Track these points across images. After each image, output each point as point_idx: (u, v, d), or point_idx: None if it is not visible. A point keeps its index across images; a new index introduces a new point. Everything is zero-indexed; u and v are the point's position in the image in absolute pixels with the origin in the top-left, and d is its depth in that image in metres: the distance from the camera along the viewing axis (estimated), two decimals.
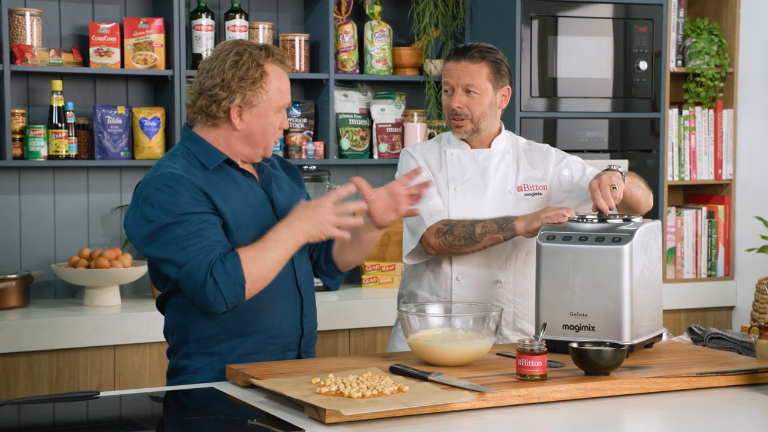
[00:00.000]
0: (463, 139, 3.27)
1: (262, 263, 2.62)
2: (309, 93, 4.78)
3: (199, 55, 4.40)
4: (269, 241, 2.64)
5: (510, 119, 4.60)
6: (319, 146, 4.64)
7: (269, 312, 2.78)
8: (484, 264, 3.22)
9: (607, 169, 3.04)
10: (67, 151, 4.25)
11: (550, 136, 4.67)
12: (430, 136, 4.76)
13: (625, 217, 2.89)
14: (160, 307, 2.87)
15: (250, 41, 2.80)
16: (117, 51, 4.34)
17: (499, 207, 3.21)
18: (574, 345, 2.57)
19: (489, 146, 3.28)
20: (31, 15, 4.24)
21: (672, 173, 5.02)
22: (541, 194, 3.27)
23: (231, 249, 2.66)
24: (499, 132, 3.30)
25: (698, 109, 5.08)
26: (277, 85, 2.75)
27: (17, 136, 4.22)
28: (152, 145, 4.36)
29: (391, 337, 3.40)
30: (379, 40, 4.75)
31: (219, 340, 2.75)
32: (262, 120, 2.75)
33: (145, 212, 2.66)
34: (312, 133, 4.70)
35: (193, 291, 2.63)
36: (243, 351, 2.77)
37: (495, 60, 3.20)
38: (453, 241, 3.12)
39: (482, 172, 3.25)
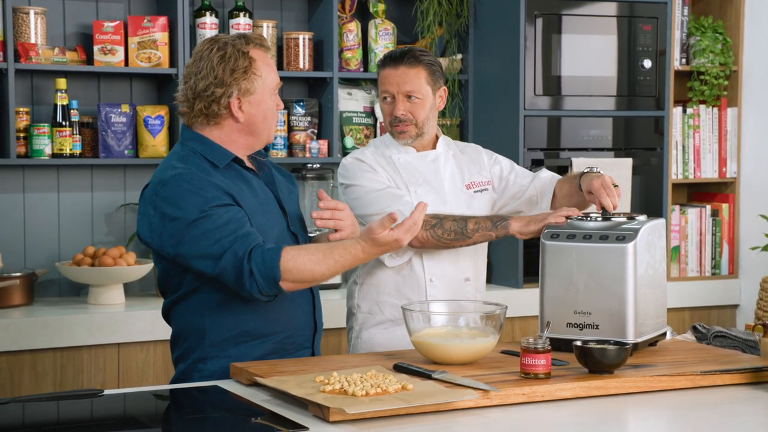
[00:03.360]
0: (407, 144, 3.25)
1: (307, 268, 2.61)
2: (313, 91, 4.78)
3: None
4: (329, 260, 2.63)
5: (514, 117, 4.60)
6: (323, 144, 4.64)
7: (286, 312, 2.78)
8: (454, 263, 3.22)
9: (588, 171, 3.05)
10: (71, 150, 4.25)
11: (554, 134, 4.67)
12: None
13: (629, 215, 2.89)
14: (167, 313, 2.84)
15: (224, 34, 2.80)
16: (121, 49, 4.34)
17: (458, 205, 3.21)
18: (578, 343, 2.57)
19: (433, 147, 3.28)
20: (35, 13, 4.24)
21: (676, 171, 5.02)
22: (487, 189, 3.29)
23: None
24: (438, 134, 3.29)
25: (702, 107, 5.08)
26: (266, 69, 2.77)
27: (21, 135, 4.23)
28: (156, 144, 4.36)
29: (354, 343, 3.30)
30: (383, 39, 4.75)
31: (237, 343, 2.75)
32: (261, 106, 2.76)
33: (167, 212, 2.63)
34: (316, 131, 4.70)
35: (232, 281, 2.61)
36: (261, 352, 2.76)
37: (430, 62, 3.19)
38: (442, 234, 3.09)
39: (434, 174, 3.24)
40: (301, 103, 4.66)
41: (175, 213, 2.63)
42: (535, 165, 4.55)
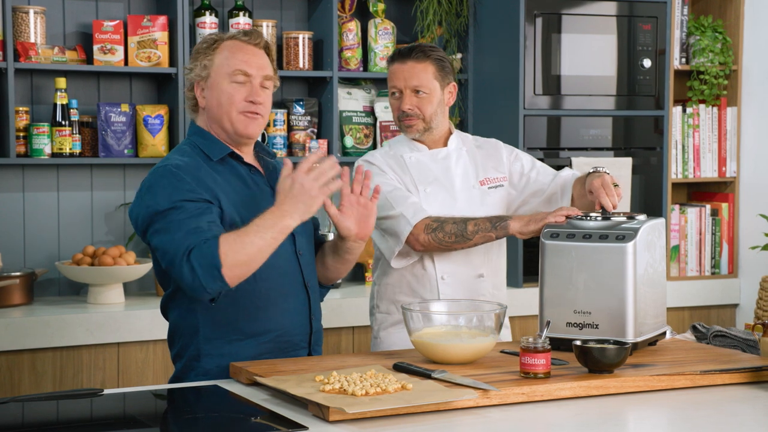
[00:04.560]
0: (419, 140, 3.25)
1: (240, 247, 2.52)
2: (313, 91, 4.78)
3: None
4: (251, 226, 2.54)
5: (514, 117, 4.60)
6: (323, 144, 4.64)
7: (278, 311, 2.77)
8: (465, 261, 3.22)
9: (593, 171, 3.04)
10: (70, 149, 4.25)
11: (553, 134, 4.67)
12: None
13: (629, 215, 2.89)
14: (165, 310, 2.84)
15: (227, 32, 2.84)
16: (121, 49, 4.34)
17: (469, 203, 3.22)
18: (578, 343, 2.57)
19: (445, 145, 3.28)
20: (35, 12, 4.24)
21: (676, 171, 5.02)
22: (503, 186, 3.29)
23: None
24: (451, 131, 3.30)
25: (702, 106, 5.08)
26: (227, 54, 2.75)
27: (21, 134, 4.23)
28: (156, 143, 4.36)
29: (373, 343, 3.32)
30: (383, 38, 4.75)
31: (230, 341, 2.74)
32: (214, 91, 2.75)
33: (146, 200, 2.66)
34: (315, 130, 4.70)
35: (178, 279, 2.57)
36: (256, 351, 2.75)
37: (439, 58, 3.20)
38: (443, 237, 3.10)
39: (445, 171, 3.24)
40: (301, 103, 4.66)
41: (150, 201, 2.65)
42: None
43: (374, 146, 4.79)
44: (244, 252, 2.52)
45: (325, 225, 4.53)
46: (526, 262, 4.61)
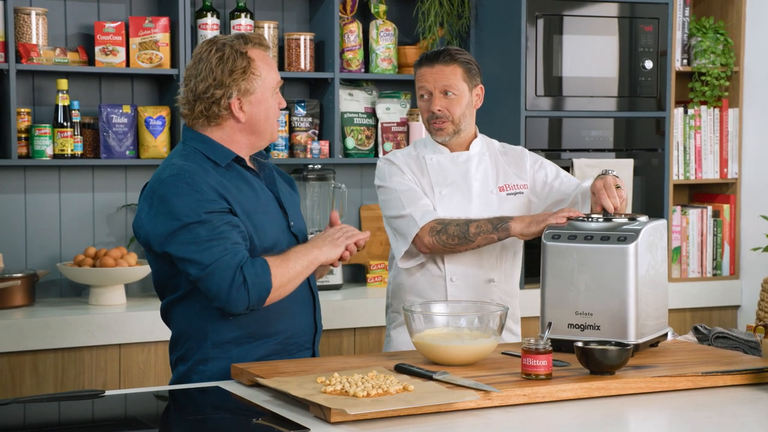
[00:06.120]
0: (442, 143, 3.27)
1: (285, 271, 2.67)
2: (314, 92, 4.78)
3: None
4: (292, 253, 2.71)
5: (515, 118, 4.60)
6: (324, 145, 4.64)
7: (288, 313, 2.79)
8: (476, 264, 3.23)
9: (602, 174, 3.05)
10: (72, 150, 4.25)
11: (555, 135, 4.67)
12: None
13: (631, 216, 2.89)
14: (165, 314, 2.83)
15: (223, 35, 2.81)
16: (122, 50, 4.34)
17: (485, 207, 3.23)
18: (580, 344, 2.57)
19: (467, 149, 3.30)
20: (36, 14, 4.25)
21: (677, 172, 5.02)
22: (522, 193, 3.30)
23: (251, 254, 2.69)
24: (476, 135, 3.32)
25: (704, 108, 5.08)
26: (265, 68, 2.77)
27: (23, 135, 4.23)
28: (157, 144, 4.36)
29: (385, 341, 3.37)
30: (385, 39, 4.75)
31: (239, 344, 2.74)
32: (262, 105, 2.77)
33: (162, 211, 2.64)
34: (317, 132, 4.70)
35: (217, 290, 2.61)
36: (262, 353, 2.76)
37: (466, 60, 3.24)
38: (447, 239, 3.12)
39: (464, 175, 3.26)
40: (302, 104, 4.66)
41: (169, 213, 2.63)
42: None
43: (376, 148, 4.80)
44: (287, 276, 2.69)
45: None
46: (528, 264, 4.60)
